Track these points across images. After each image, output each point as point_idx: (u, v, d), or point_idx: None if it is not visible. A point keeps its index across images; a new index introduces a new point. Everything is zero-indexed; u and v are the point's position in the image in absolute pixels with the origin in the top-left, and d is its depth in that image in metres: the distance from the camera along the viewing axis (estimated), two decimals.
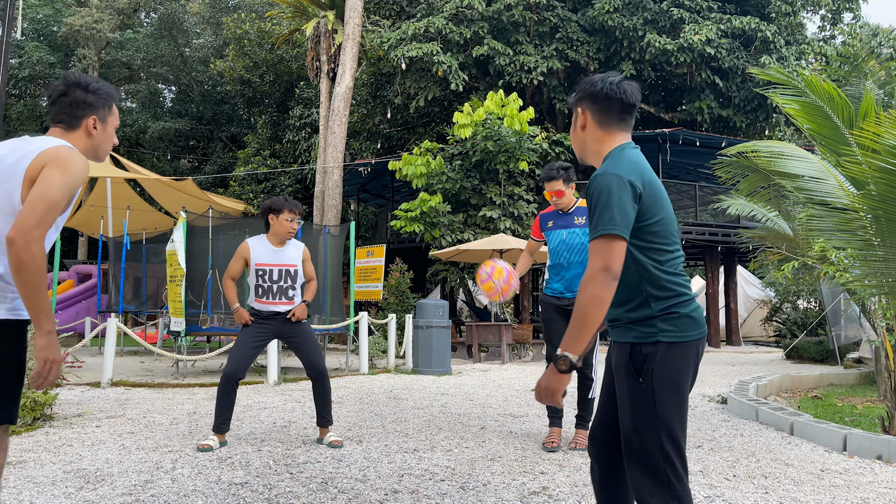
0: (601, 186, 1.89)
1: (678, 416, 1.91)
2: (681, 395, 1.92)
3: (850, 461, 4.13)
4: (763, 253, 7.63)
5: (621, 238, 1.84)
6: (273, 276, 4.38)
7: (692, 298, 2.00)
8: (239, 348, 4.28)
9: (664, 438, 1.88)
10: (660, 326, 1.93)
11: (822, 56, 17.87)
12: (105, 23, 27.55)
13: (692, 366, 1.96)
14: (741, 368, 10.79)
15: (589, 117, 2.07)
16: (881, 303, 5.30)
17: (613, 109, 2.04)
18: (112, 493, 3.22)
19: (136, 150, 29.67)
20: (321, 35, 18.16)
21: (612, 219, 1.85)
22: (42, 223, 1.92)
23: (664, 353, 1.92)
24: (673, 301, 1.95)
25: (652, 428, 1.89)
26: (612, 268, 1.83)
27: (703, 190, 17.38)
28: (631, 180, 1.89)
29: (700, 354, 2.01)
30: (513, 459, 4.01)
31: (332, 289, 10.75)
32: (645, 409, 1.91)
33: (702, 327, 1.98)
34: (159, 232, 16.69)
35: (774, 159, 5.14)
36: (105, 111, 2.23)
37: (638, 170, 1.94)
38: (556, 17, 18.15)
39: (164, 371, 9.30)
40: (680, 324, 1.93)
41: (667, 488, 1.86)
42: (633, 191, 1.89)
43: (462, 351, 13.24)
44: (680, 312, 1.94)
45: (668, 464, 1.87)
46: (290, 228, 4.39)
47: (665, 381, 1.90)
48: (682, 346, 1.93)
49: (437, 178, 14.54)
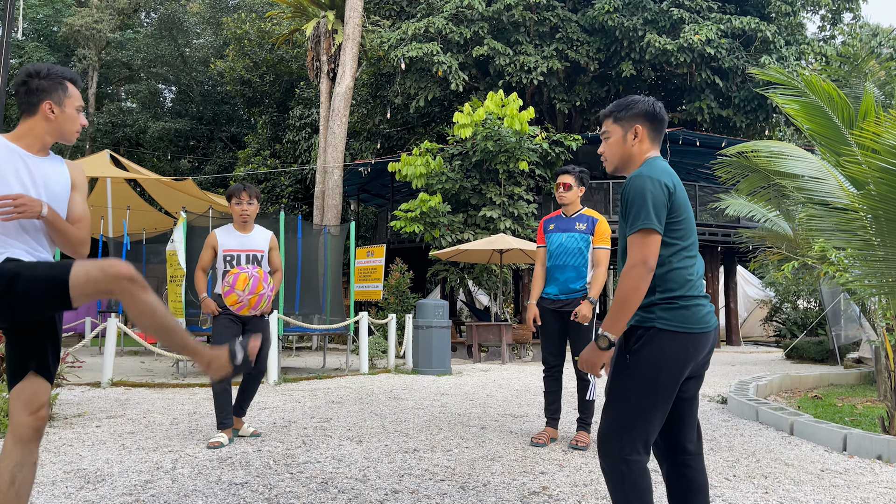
0: (638, 187, 2.14)
1: (655, 397, 2.09)
2: (660, 380, 2.09)
3: (850, 461, 4.14)
4: (763, 253, 7.64)
5: (657, 232, 2.08)
6: (241, 262, 4.48)
7: (698, 297, 2.16)
8: (220, 340, 4.36)
9: (632, 412, 2.10)
10: (657, 313, 2.13)
11: (822, 56, 17.88)
12: (105, 23, 27.55)
13: (686, 358, 2.11)
14: (741, 368, 10.79)
15: (645, 134, 2.33)
16: (881, 303, 5.30)
17: (661, 129, 2.36)
18: (112, 493, 3.22)
19: (137, 150, 29.68)
20: (321, 35, 18.16)
21: (647, 215, 2.09)
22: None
23: (653, 337, 2.11)
24: (677, 293, 2.14)
25: (623, 399, 2.12)
26: (649, 261, 2.07)
27: (703, 190, 17.38)
28: (664, 182, 2.14)
29: (700, 351, 2.14)
30: (513, 459, 4.01)
31: (332, 289, 10.75)
32: (623, 383, 2.13)
33: (702, 324, 2.14)
34: (159, 232, 16.69)
35: (774, 159, 5.15)
36: (60, 94, 2.29)
37: (669, 175, 2.20)
38: (556, 17, 18.15)
39: (165, 371, 9.30)
40: (678, 314, 2.12)
41: (621, 455, 2.09)
42: (666, 191, 2.14)
43: (462, 351, 13.24)
44: (680, 304, 2.13)
45: (628, 434, 2.09)
46: (240, 211, 4.48)
47: (647, 362, 2.10)
48: (675, 335, 2.11)
49: (436, 178, 14.54)
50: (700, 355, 2.15)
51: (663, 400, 2.10)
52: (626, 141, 2.34)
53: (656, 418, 2.11)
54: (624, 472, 2.08)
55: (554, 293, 4.55)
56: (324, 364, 10.36)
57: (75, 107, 2.34)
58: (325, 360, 10.37)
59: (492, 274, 14.86)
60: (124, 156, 28.20)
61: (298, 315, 10.42)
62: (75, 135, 2.36)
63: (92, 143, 28.39)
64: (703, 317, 2.14)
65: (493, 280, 14.88)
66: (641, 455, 2.10)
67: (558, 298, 4.52)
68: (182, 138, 29.65)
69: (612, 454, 2.11)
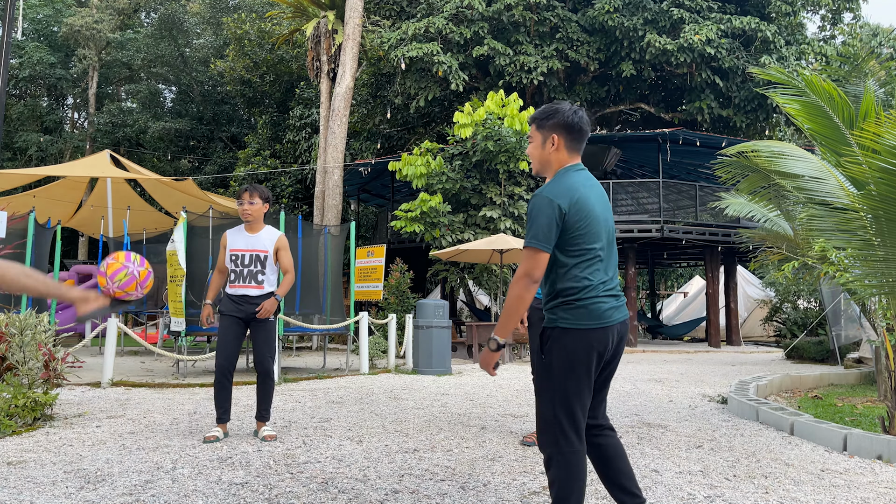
0: (535, 206, 2.34)
1: (573, 389, 2.31)
2: (573, 373, 2.31)
3: (850, 461, 4.13)
4: (763, 253, 7.63)
5: (542, 251, 2.29)
6: (244, 261, 4.58)
7: (598, 296, 2.35)
8: (222, 339, 4.47)
9: (557, 405, 2.32)
10: (560, 314, 2.35)
11: (822, 56, 17.87)
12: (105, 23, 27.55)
13: (591, 350, 2.32)
14: (741, 368, 10.79)
15: (562, 144, 2.46)
16: (881, 303, 5.30)
17: (580, 139, 2.47)
18: (112, 493, 3.22)
19: (137, 150, 29.68)
20: (321, 35, 18.16)
21: (536, 234, 2.29)
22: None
23: (560, 336, 2.34)
24: (576, 295, 2.33)
25: (548, 395, 2.34)
26: (533, 274, 2.29)
27: (703, 190, 17.38)
28: (559, 203, 2.31)
29: (605, 343, 2.34)
30: (513, 459, 4.01)
31: (332, 289, 10.75)
32: (543, 379, 2.36)
33: (603, 319, 2.34)
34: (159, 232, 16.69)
35: (774, 159, 5.14)
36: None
37: (570, 191, 2.34)
38: (556, 17, 18.14)
39: (165, 371, 9.30)
40: (577, 313, 2.33)
41: (555, 444, 2.31)
42: (559, 211, 2.31)
43: (462, 351, 13.24)
44: (578, 304, 2.33)
45: (558, 425, 2.31)
46: (242, 211, 4.58)
47: (558, 359, 2.32)
48: (577, 332, 2.32)
49: (437, 178, 14.54)
50: (605, 346, 2.35)
51: (580, 390, 2.32)
52: (545, 147, 2.48)
53: (578, 407, 2.32)
54: (560, 462, 2.30)
55: (540, 293, 4.65)
56: (324, 364, 10.36)
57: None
58: (325, 360, 10.37)
59: (492, 274, 14.86)
60: (124, 156, 28.21)
61: (298, 315, 10.42)
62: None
63: (92, 143, 28.38)
64: (603, 313, 2.33)
65: (494, 280, 14.87)
66: (574, 443, 2.31)
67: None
68: (182, 138, 29.65)
69: (547, 446, 2.33)
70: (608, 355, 2.40)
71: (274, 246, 4.64)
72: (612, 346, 2.38)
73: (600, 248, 2.38)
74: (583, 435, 2.35)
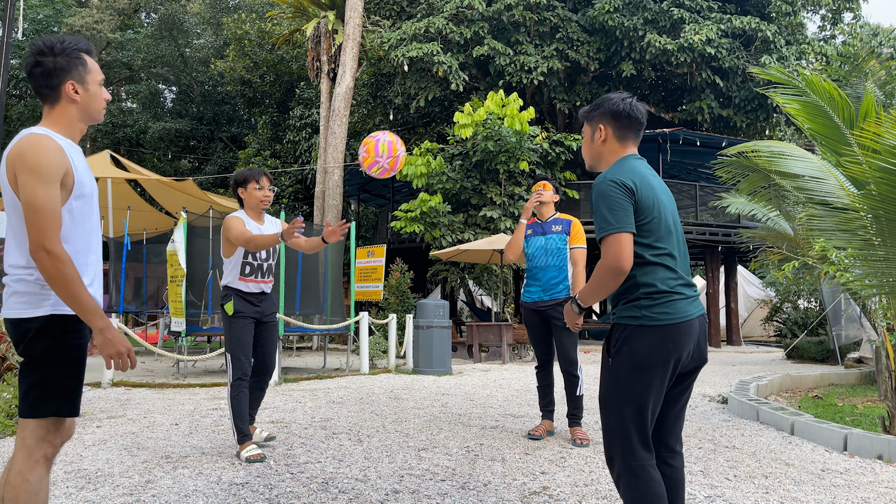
0: (598, 192, 2.16)
1: (644, 395, 2.10)
2: (648, 376, 2.09)
3: (850, 461, 4.13)
4: (763, 253, 7.63)
5: (622, 232, 2.09)
6: (262, 255, 4.12)
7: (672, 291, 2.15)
8: (245, 341, 3.98)
9: (626, 414, 2.11)
10: (631, 311, 2.15)
11: (822, 56, 17.87)
12: (105, 23, 27.56)
13: (666, 350, 2.10)
14: (741, 368, 10.79)
15: (610, 133, 2.32)
16: (882, 302, 5.30)
17: (629, 127, 2.31)
18: (113, 493, 3.22)
19: (137, 150, 29.69)
20: (321, 35, 18.16)
21: (608, 219, 2.10)
22: (45, 233, 1.89)
23: (630, 336, 2.13)
24: (646, 289, 2.14)
25: (616, 404, 2.13)
26: (620, 262, 2.07)
27: (703, 190, 17.37)
28: (624, 182, 2.14)
29: (682, 341, 2.12)
30: (513, 459, 4.01)
31: (332, 289, 10.75)
32: (610, 385, 2.16)
33: (675, 314, 2.12)
34: (160, 232, 16.69)
35: (775, 159, 5.14)
36: (80, 71, 2.05)
37: (633, 175, 2.17)
38: (556, 17, 18.14)
39: (165, 371, 9.30)
40: (650, 309, 2.12)
41: (622, 459, 2.11)
42: (628, 191, 2.13)
43: (462, 351, 13.24)
44: (654, 300, 2.13)
45: (626, 438, 2.10)
46: (262, 196, 4.09)
47: (627, 361, 2.12)
48: (651, 329, 2.11)
49: (437, 178, 14.54)
50: (683, 346, 2.12)
51: (650, 397, 2.10)
52: (594, 140, 2.36)
53: (646, 417, 2.11)
54: (630, 480, 2.08)
55: (537, 295, 4.72)
56: (324, 364, 10.36)
57: (97, 82, 2.10)
58: (325, 360, 10.37)
59: (492, 274, 14.85)
60: (125, 156, 28.21)
61: (299, 315, 10.43)
62: (102, 113, 2.13)
63: (92, 144, 28.40)
64: (679, 307, 2.12)
65: (494, 280, 14.87)
66: (643, 457, 2.10)
67: (542, 300, 4.70)
68: (182, 138, 29.66)
69: (616, 463, 2.12)
70: (686, 359, 2.17)
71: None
72: (691, 347, 2.15)
73: (670, 237, 2.20)
74: (650, 445, 2.13)
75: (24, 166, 1.91)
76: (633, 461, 2.09)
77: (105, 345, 1.95)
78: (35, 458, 1.97)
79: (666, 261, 2.16)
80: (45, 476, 1.99)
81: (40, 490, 1.97)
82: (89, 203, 2.08)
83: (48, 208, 1.91)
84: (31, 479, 1.95)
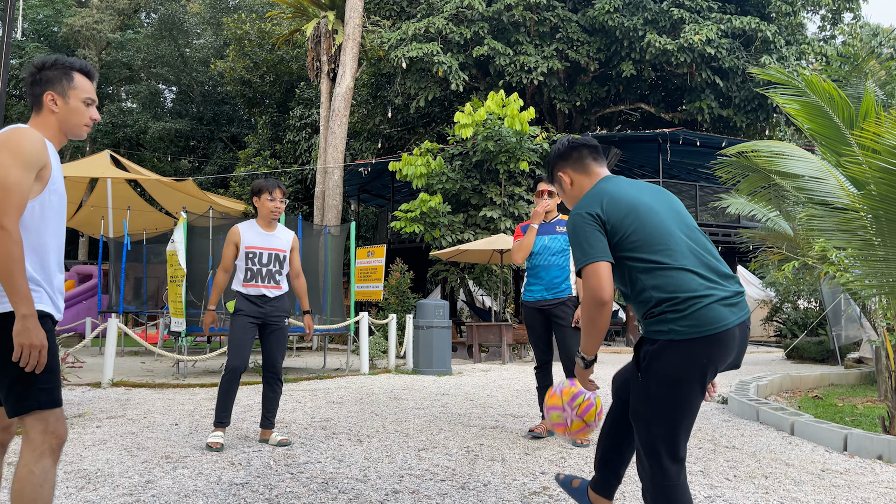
0: (569, 228, 2.18)
1: (670, 415, 2.00)
2: (680, 393, 1.99)
3: (850, 461, 4.13)
4: (763, 253, 7.63)
5: (597, 262, 2.06)
6: (262, 260, 4.36)
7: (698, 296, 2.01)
8: (238, 340, 4.26)
9: (654, 433, 2.03)
10: (658, 326, 2.03)
11: (822, 56, 17.87)
12: (105, 23, 27.56)
13: (699, 365, 1.98)
14: (741, 368, 10.79)
15: (571, 173, 2.39)
16: (882, 303, 5.30)
17: (584, 154, 2.37)
18: (113, 493, 3.22)
19: (137, 150, 29.69)
20: (321, 35, 18.16)
21: (582, 251, 2.09)
22: (5, 209, 1.94)
23: (660, 351, 2.01)
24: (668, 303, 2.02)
25: (644, 421, 2.05)
26: (600, 293, 2.03)
27: (703, 190, 17.38)
28: (589, 211, 2.15)
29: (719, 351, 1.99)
30: (513, 459, 4.01)
31: (332, 289, 10.76)
32: (640, 401, 2.06)
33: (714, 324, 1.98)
34: (160, 232, 16.70)
35: (775, 159, 5.14)
36: (63, 84, 2.16)
37: (596, 198, 2.18)
38: (556, 18, 18.15)
39: (165, 371, 9.30)
40: (676, 322, 1.99)
41: (650, 477, 2.05)
42: (594, 218, 2.13)
43: (462, 351, 13.24)
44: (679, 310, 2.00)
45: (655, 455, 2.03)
46: (273, 207, 4.36)
47: (657, 378, 2.02)
48: (683, 343, 1.98)
49: (437, 178, 14.54)
50: (720, 356, 1.98)
51: (681, 415, 2.00)
52: (566, 189, 2.43)
53: (681, 434, 2.02)
54: (657, 499, 2.03)
55: (540, 293, 4.72)
56: (324, 364, 10.36)
57: (81, 99, 2.19)
58: (325, 360, 10.37)
59: (492, 274, 14.85)
60: (125, 156, 28.22)
61: (299, 315, 10.42)
62: (83, 129, 2.22)
63: (92, 144, 28.40)
64: (715, 315, 1.97)
65: (494, 280, 14.87)
66: (673, 476, 2.02)
67: (545, 299, 4.70)
68: (182, 139, 29.66)
69: (644, 479, 2.08)
70: (725, 365, 2.06)
71: (290, 246, 4.51)
72: (730, 357, 2.03)
73: (672, 237, 2.10)
74: (683, 466, 2.03)
75: (5, 147, 1.99)
76: (662, 480, 2.01)
77: (22, 332, 1.97)
78: (40, 450, 2.02)
79: (677, 263, 2.05)
80: (50, 468, 2.02)
81: (45, 482, 2.00)
82: (60, 202, 2.16)
83: (16, 189, 1.97)
84: (36, 470, 1.99)
